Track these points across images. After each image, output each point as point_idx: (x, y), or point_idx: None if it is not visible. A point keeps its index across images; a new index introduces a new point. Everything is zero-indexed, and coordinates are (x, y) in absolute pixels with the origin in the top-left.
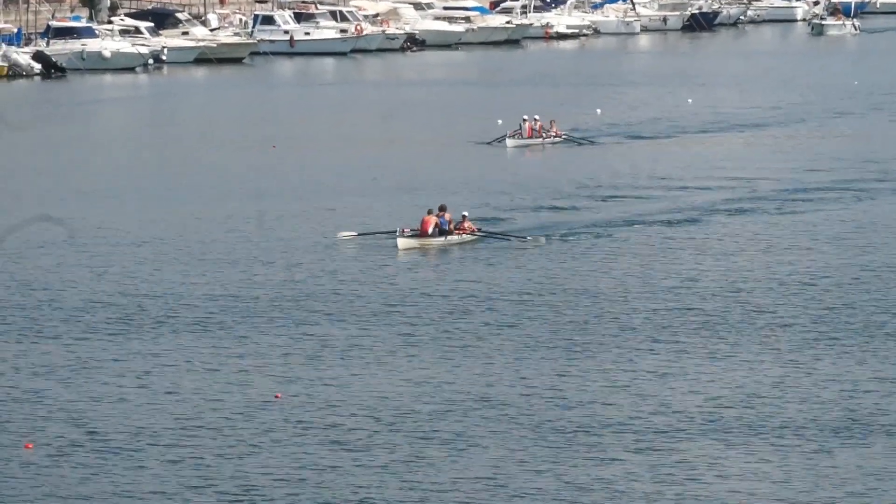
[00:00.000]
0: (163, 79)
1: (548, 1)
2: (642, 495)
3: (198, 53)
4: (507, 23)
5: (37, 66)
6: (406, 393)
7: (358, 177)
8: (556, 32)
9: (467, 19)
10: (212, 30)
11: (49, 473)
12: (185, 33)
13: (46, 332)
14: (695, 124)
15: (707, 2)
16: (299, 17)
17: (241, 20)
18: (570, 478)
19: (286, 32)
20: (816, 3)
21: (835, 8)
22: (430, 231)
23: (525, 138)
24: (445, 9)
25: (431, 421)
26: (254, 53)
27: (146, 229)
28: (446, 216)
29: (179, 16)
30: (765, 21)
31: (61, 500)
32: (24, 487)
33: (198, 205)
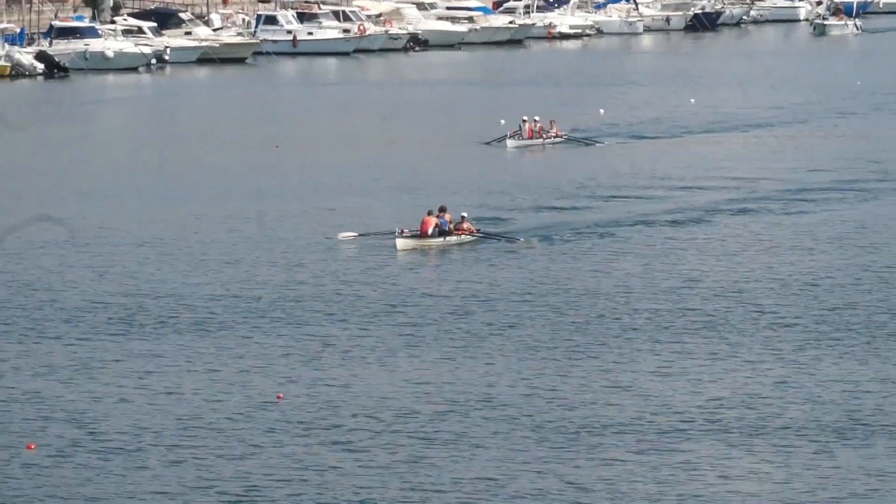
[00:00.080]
0: (165, 79)
1: (551, 1)
2: (644, 496)
3: (201, 53)
4: (510, 23)
5: (40, 66)
6: (407, 393)
7: (359, 177)
8: (559, 32)
9: (470, 19)
10: (215, 30)
11: (51, 474)
12: (188, 33)
13: (48, 332)
14: (697, 124)
15: (710, 2)
16: (302, 17)
17: (244, 20)
18: (571, 478)
19: (289, 32)
20: (819, 3)
21: (837, 8)
22: (430, 232)
23: (525, 139)
24: (448, 9)
25: (432, 421)
26: (257, 53)
27: (148, 229)
28: (446, 217)
29: (182, 16)
30: (768, 21)
31: (63, 501)
32: (26, 488)
33: (200, 205)
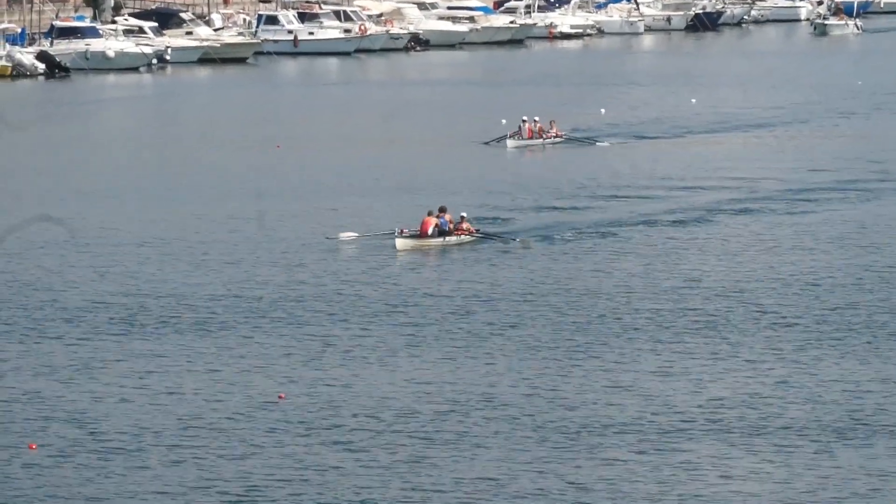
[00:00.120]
0: (166, 79)
1: (551, 1)
2: (645, 496)
3: (201, 53)
4: (511, 23)
5: (40, 66)
6: (408, 393)
7: (360, 177)
8: (560, 32)
9: (471, 19)
10: (216, 30)
11: (53, 474)
12: (189, 33)
13: (49, 332)
14: (698, 124)
15: (711, 1)
16: (303, 17)
17: (244, 20)
18: (572, 478)
19: (290, 32)
20: (820, 2)
21: (837, 8)
22: (430, 232)
23: (525, 139)
24: (449, 9)
25: (433, 421)
26: (257, 53)
27: (149, 229)
28: (446, 217)
29: (183, 16)
30: (768, 21)
31: (65, 501)
32: (28, 488)
33: (201, 204)
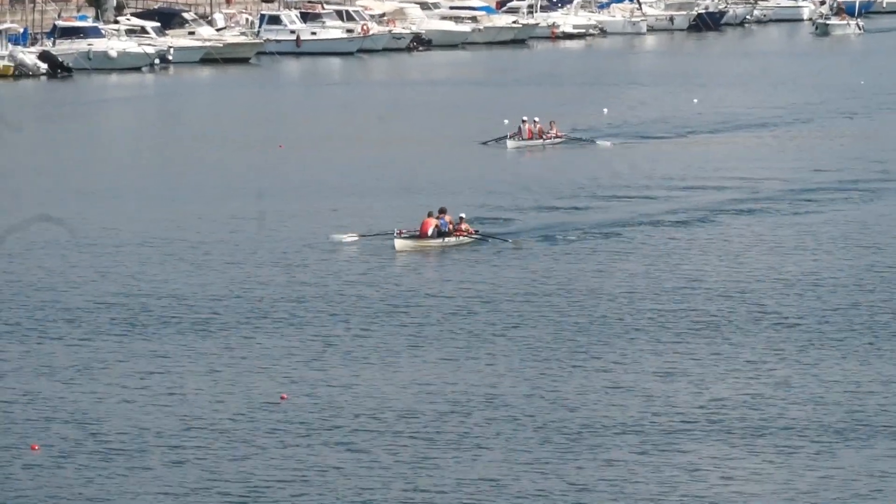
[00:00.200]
0: (169, 79)
1: (554, 1)
2: (647, 496)
3: (204, 53)
4: (514, 22)
5: (43, 66)
6: (410, 394)
7: (362, 177)
8: (563, 32)
9: (473, 19)
10: (218, 30)
11: (55, 474)
12: (192, 33)
13: (50, 332)
14: (700, 124)
15: (713, 1)
16: (305, 17)
17: (247, 20)
18: (573, 478)
19: (292, 32)
20: (822, 2)
21: (839, 8)
22: (430, 233)
23: (525, 139)
24: (452, 8)
25: (434, 422)
26: (260, 53)
27: (151, 229)
28: (446, 218)
29: (186, 15)
30: (771, 21)
31: (67, 502)
32: (29, 488)
33: (202, 204)
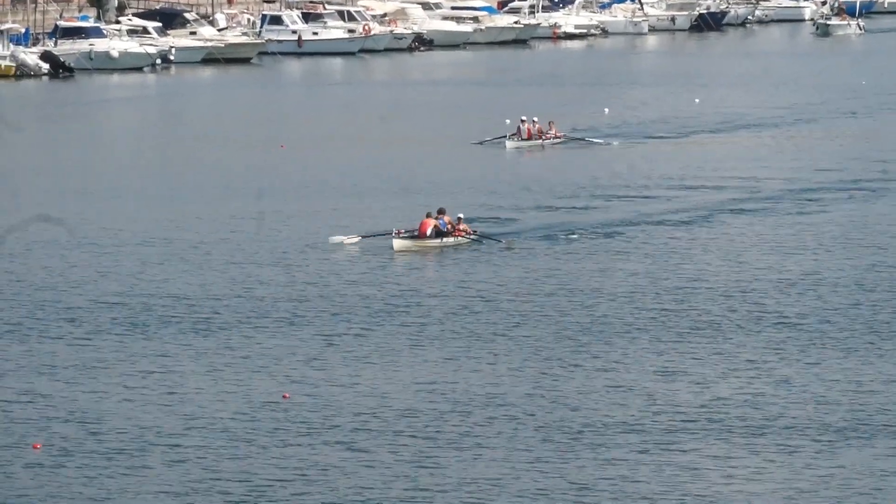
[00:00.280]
0: (170, 79)
1: (556, 1)
2: (648, 495)
3: (206, 53)
4: (515, 23)
5: (45, 66)
6: (411, 393)
7: (364, 177)
8: (564, 32)
9: (475, 19)
10: (220, 30)
11: (57, 474)
12: (193, 33)
13: (51, 332)
14: (701, 124)
15: (715, 2)
16: (307, 17)
17: (248, 20)
18: (573, 478)
19: (294, 32)
20: (824, 3)
21: (840, 8)
22: (429, 233)
23: (524, 139)
24: (453, 9)
25: (436, 421)
26: (262, 53)
27: (152, 229)
28: (445, 218)
29: (187, 16)
30: (772, 21)
31: (68, 501)
32: (31, 487)
33: (204, 204)
